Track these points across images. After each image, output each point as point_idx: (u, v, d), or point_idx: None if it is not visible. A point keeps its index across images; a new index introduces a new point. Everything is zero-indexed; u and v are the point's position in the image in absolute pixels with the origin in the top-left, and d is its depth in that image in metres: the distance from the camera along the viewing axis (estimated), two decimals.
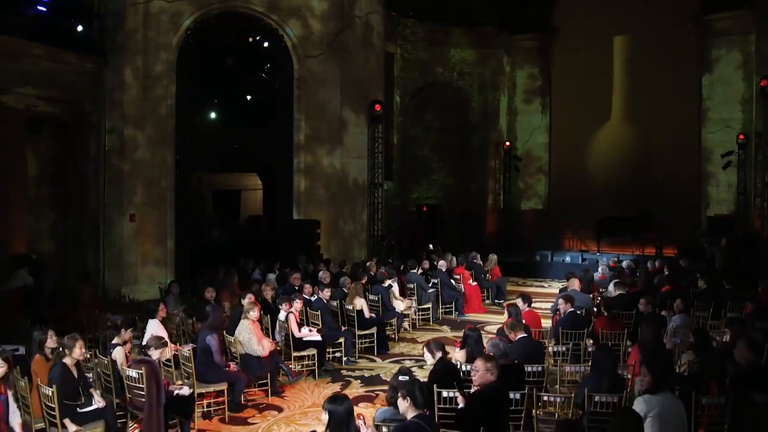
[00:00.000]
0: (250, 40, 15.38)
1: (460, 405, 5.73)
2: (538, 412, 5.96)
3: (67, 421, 5.88)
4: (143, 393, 6.35)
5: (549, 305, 12.92)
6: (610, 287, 10.59)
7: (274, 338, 9.16)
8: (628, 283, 10.49)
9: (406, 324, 11.80)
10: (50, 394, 5.82)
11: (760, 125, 18.07)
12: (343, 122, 16.05)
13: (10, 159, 12.92)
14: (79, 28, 13.58)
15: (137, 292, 13.01)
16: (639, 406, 5.19)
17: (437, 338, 7.38)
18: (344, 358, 9.67)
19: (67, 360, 6.15)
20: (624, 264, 13.46)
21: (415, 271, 13.07)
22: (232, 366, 7.76)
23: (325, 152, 15.86)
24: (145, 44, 14.01)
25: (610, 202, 20.95)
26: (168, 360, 7.43)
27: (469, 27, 21.95)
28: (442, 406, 5.88)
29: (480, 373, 5.46)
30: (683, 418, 5.27)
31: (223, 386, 7.47)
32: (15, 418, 5.57)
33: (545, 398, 6.05)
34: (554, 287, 17.11)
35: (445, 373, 6.20)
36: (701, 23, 20.05)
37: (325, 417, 4.54)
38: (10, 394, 5.60)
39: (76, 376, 6.23)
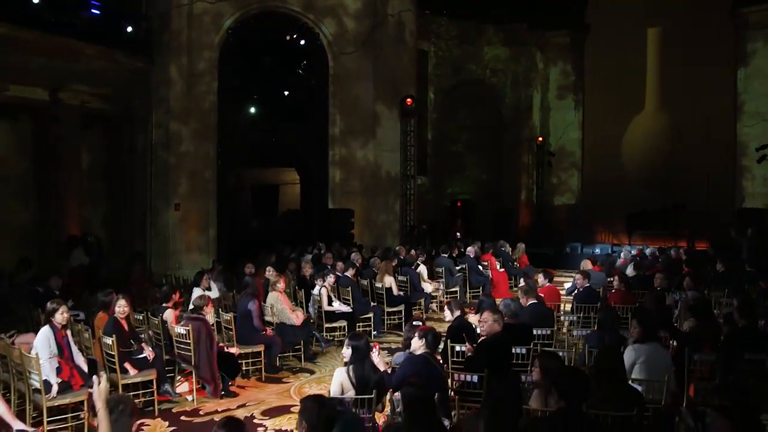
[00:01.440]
0: (288, 38, 16.29)
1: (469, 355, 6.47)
2: None
3: (127, 365, 6.81)
4: (190, 348, 7.24)
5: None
6: (629, 268, 11.12)
7: (307, 310, 10.00)
8: (647, 265, 11.00)
9: (433, 305, 12.52)
10: (110, 343, 6.75)
11: None
12: (376, 116, 16.86)
13: (67, 152, 14.05)
14: (129, 29, 14.63)
15: (182, 276, 13.96)
16: (628, 354, 5.86)
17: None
18: (373, 332, 10.44)
19: (117, 316, 7.07)
20: (647, 251, 13.93)
21: (445, 255, 13.75)
22: (269, 331, 8.62)
23: (359, 145, 16.68)
24: (189, 43, 15.04)
25: (643, 196, 21.16)
26: (212, 325, 8.33)
27: (501, 24, 22.49)
28: (455, 359, 6.61)
29: (488, 323, 6.18)
30: (668, 367, 5.90)
31: (260, 348, 8.32)
32: (79, 358, 6.50)
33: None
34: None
35: (460, 329, 6.93)
36: (737, 16, 20.21)
37: (347, 351, 5.34)
38: (70, 335, 6.54)
39: (127, 329, 7.15)
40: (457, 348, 6.64)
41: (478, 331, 6.56)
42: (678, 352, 6.57)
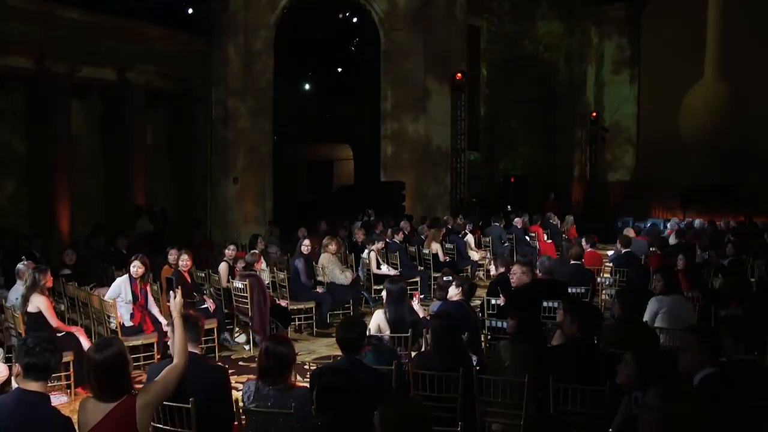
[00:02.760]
0: (340, 16, 16.85)
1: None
2: None
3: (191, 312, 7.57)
4: (247, 301, 7.96)
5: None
6: (671, 237, 11.33)
7: (357, 273, 10.63)
8: (690, 234, 11.19)
9: (480, 273, 12.99)
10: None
11: None
12: (426, 91, 17.29)
13: (134, 128, 15.01)
14: (190, 11, 15.47)
15: (240, 247, 14.83)
16: (651, 304, 6.26)
17: None
18: (420, 296, 10.99)
19: (180, 269, 7.82)
20: (696, 223, 14.01)
21: (497, 224, 14.15)
22: (319, 289, 9.29)
23: (410, 120, 17.17)
24: (246, 23, 15.75)
25: (700, 171, 20.70)
26: (268, 284, 9.05)
27: None
28: (490, 311, 7.11)
29: (517, 275, 6.67)
30: (690, 319, 6.27)
31: (311, 304, 8.99)
32: (154, 308, 7.29)
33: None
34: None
35: (500, 283, 7.41)
36: None
37: (384, 294, 5.92)
38: (148, 288, 7.33)
39: (190, 282, 7.91)
40: (493, 301, 7.15)
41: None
42: (704, 308, 6.89)
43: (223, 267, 8.47)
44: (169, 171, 16.29)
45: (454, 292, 6.09)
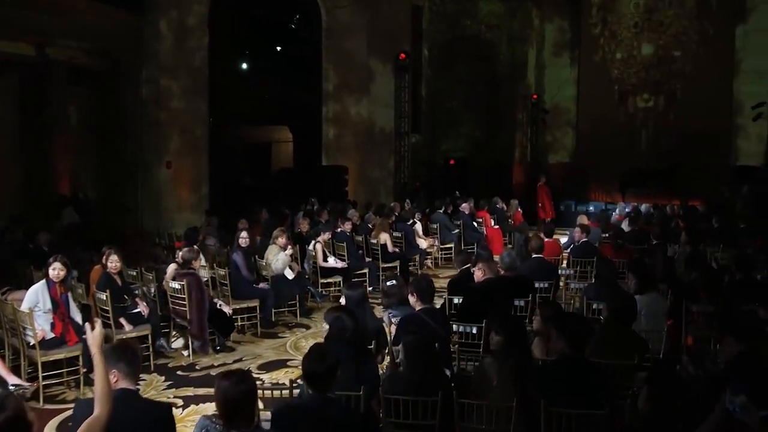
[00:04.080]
0: None
1: None
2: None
3: (122, 320, 6.75)
4: (184, 303, 7.18)
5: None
6: (624, 224, 11.09)
7: (302, 266, 9.95)
8: (642, 221, 10.97)
9: (428, 261, 12.51)
10: (104, 297, 6.66)
11: None
12: (370, 72, 16.65)
13: (55, 109, 13.77)
14: None
15: (174, 237, 13.87)
16: None
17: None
18: (369, 288, 10.40)
19: (110, 270, 6.97)
20: (642, 207, 13.90)
21: (440, 211, 13.67)
22: (262, 285, 8.56)
23: (353, 101, 16.51)
24: None
25: (637, 156, 21.05)
26: (206, 280, 8.27)
27: None
28: (452, 311, 6.57)
29: (478, 273, 6.13)
30: (664, 315, 5.90)
31: (255, 303, 8.27)
32: (77, 315, 6.42)
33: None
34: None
35: (463, 281, 6.87)
36: None
37: (342, 301, 5.29)
38: (69, 294, 6.45)
39: (120, 284, 7.07)
40: (455, 300, 6.61)
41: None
42: (675, 303, 6.56)
43: (171, 268, 7.62)
44: (96, 155, 15.10)
45: (412, 302, 5.45)
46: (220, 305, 7.69)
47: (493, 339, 4.36)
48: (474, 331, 5.64)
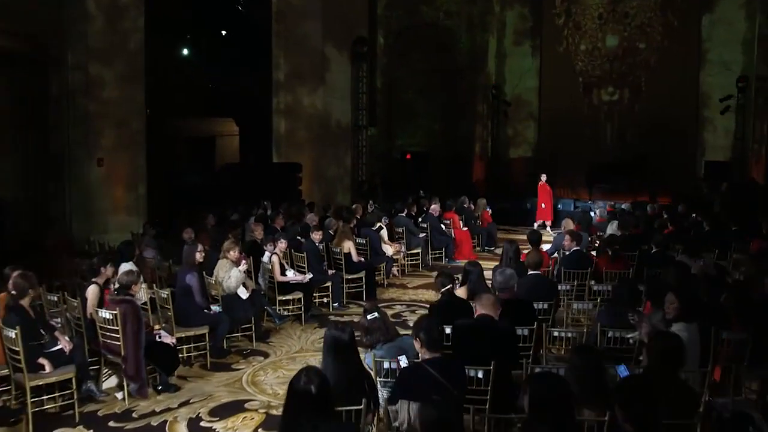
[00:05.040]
0: None
1: None
2: (548, 348, 5.73)
3: (43, 361, 5.53)
4: (118, 336, 5.99)
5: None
6: (611, 228, 10.34)
7: (257, 281, 8.83)
8: (631, 224, 10.25)
9: (395, 269, 11.53)
10: (13, 336, 5.42)
11: (762, 68, 17.81)
12: (325, 60, 15.64)
13: None
14: None
15: (107, 241, 12.50)
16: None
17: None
18: (333, 304, 9.37)
19: (23, 301, 5.73)
20: (623, 206, 13.24)
21: (403, 214, 12.71)
22: (213, 308, 7.41)
23: (306, 92, 15.48)
24: None
25: (602, 150, 20.82)
26: (144, 303, 7.08)
27: None
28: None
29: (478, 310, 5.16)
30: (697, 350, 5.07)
31: (205, 330, 7.12)
32: None
33: (555, 334, 5.79)
34: (546, 235, 16.98)
35: (451, 309, 5.87)
36: None
37: (323, 346, 4.24)
38: None
39: (33, 316, 5.84)
40: (447, 330, 5.63)
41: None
42: (701, 329, 5.74)
43: (93, 291, 6.38)
44: (15, 151, 13.49)
45: (417, 348, 4.37)
46: (160, 337, 6.50)
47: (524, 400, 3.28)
48: (480, 375, 4.66)
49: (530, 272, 6.80)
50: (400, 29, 21.22)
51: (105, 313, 6.06)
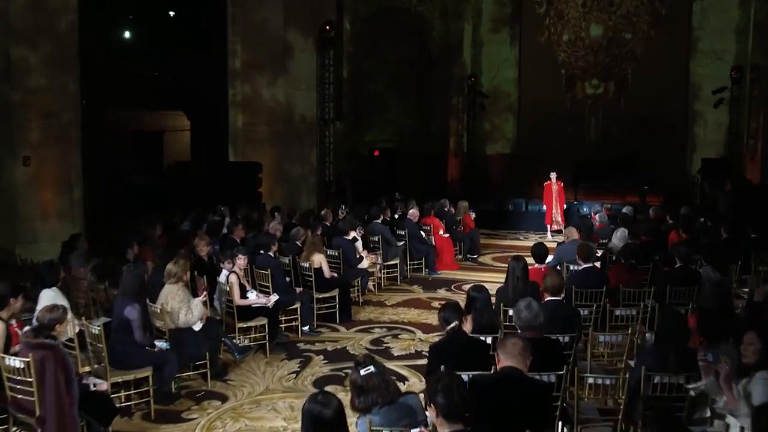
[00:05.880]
0: None
1: None
2: (580, 395, 4.80)
3: None
4: (32, 390, 4.83)
5: (530, 261, 12.28)
6: (617, 236, 9.48)
7: (212, 305, 7.73)
8: (642, 231, 9.42)
9: (370, 284, 10.53)
10: None
11: (757, 57, 17.33)
12: (287, 46, 14.71)
13: None
14: None
15: (36, 252, 11.21)
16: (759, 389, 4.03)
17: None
18: (301, 329, 8.31)
19: None
20: (623, 211, 12.44)
21: (378, 220, 11.69)
22: (159, 344, 6.28)
23: (266, 82, 14.55)
24: None
25: (585, 147, 20.29)
26: (70, 339, 5.92)
27: None
28: None
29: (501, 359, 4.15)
30: None
31: (147, 372, 5.98)
32: None
33: (590, 381, 4.84)
34: (531, 240, 16.24)
35: (458, 351, 4.87)
36: None
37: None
38: None
39: None
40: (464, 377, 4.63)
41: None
42: None
43: None
44: None
45: (432, 417, 3.39)
46: (94, 386, 5.37)
47: None
48: None
49: (548, 298, 5.83)
50: (367, 15, 20.26)
51: (14, 361, 4.89)
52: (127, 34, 14.04)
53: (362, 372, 3.94)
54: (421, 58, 20.92)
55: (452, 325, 5.09)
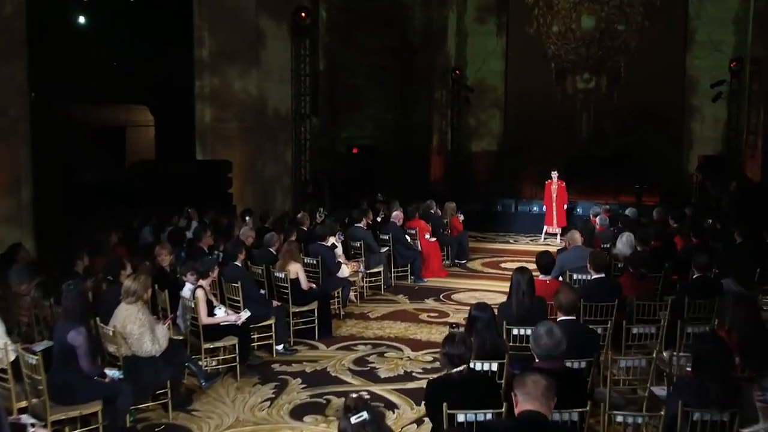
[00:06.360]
0: None
1: None
2: None
3: None
4: None
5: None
6: (623, 241, 8.95)
7: (175, 323, 7.06)
8: (651, 236, 8.91)
9: (352, 294, 9.93)
10: None
11: (757, 48, 17.01)
12: (260, 34, 14.09)
13: None
14: None
15: None
16: None
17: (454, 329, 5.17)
18: (276, 348, 7.68)
19: None
20: (628, 211, 11.99)
21: (361, 224, 11.10)
22: (111, 373, 5.60)
23: (237, 73, 13.92)
24: None
25: (578, 143, 20.09)
26: (3, 370, 5.23)
27: None
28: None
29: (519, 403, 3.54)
30: None
31: (97, 406, 5.31)
32: None
33: (619, 419, 4.25)
34: (521, 243, 15.83)
35: (451, 383, 4.26)
36: None
37: None
38: None
39: None
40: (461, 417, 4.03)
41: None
42: None
43: None
44: None
45: None
46: (32, 426, 4.69)
47: None
48: None
49: (562, 318, 5.25)
50: (344, 2, 19.75)
51: None
52: (81, 20, 13.30)
53: (353, 420, 3.32)
54: (402, 49, 20.40)
55: (460, 368, 4.38)
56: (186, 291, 7.06)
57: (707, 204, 13.53)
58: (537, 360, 4.31)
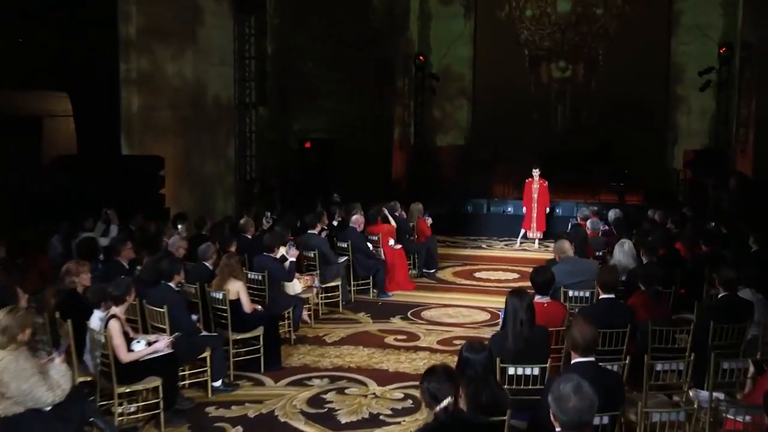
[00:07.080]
0: None
1: None
2: None
3: None
4: None
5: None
6: (624, 251, 8.14)
7: (82, 360, 5.98)
8: (658, 243, 8.12)
9: (305, 314, 9.00)
10: None
11: (748, 33, 16.60)
12: (197, 10, 13.40)
13: None
14: None
15: None
16: None
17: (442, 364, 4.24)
18: (212, 384, 6.68)
19: None
20: (610, 214, 11.20)
21: (314, 231, 10.16)
22: None
23: (170, 55, 13.07)
24: None
25: (553, 136, 19.84)
26: None
27: None
28: None
29: None
30: None
31: None
32: None
33: None
34: (495, 248, 15.13)
35: None
36: None
37: None
38: None
39: None
40: None
41: None
42: None
43: None
44: None
45: None
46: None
47: None
48: None
49: (578, 360, 4.31)
50: None
51: None
52: None
53: None
54: (360, 33, 19.74)
55: (444, 404, 3.57)
56: (95, 321, 5.95)
57: (702, 204, 12.99)
58: (559, 429, 3.35)
